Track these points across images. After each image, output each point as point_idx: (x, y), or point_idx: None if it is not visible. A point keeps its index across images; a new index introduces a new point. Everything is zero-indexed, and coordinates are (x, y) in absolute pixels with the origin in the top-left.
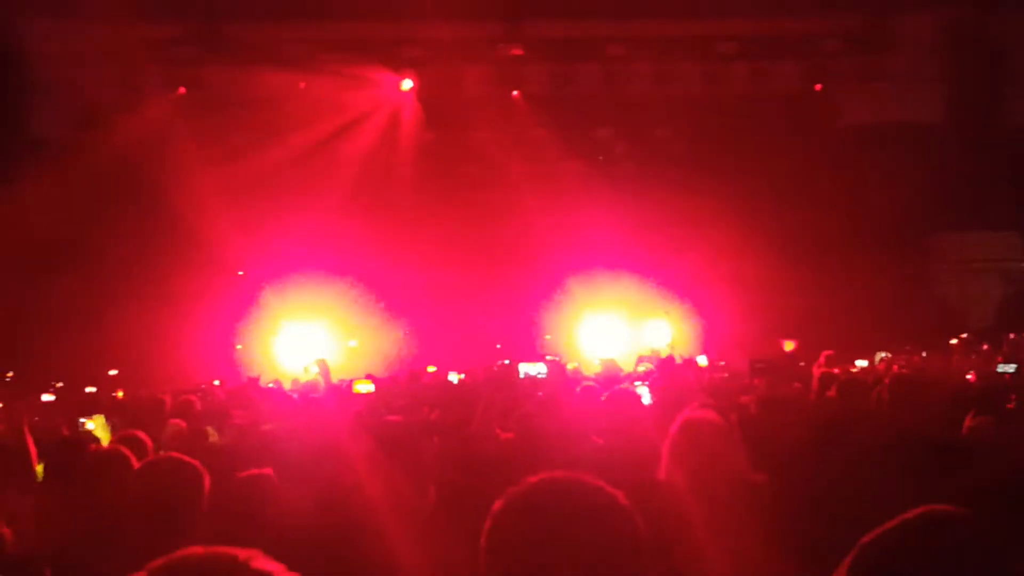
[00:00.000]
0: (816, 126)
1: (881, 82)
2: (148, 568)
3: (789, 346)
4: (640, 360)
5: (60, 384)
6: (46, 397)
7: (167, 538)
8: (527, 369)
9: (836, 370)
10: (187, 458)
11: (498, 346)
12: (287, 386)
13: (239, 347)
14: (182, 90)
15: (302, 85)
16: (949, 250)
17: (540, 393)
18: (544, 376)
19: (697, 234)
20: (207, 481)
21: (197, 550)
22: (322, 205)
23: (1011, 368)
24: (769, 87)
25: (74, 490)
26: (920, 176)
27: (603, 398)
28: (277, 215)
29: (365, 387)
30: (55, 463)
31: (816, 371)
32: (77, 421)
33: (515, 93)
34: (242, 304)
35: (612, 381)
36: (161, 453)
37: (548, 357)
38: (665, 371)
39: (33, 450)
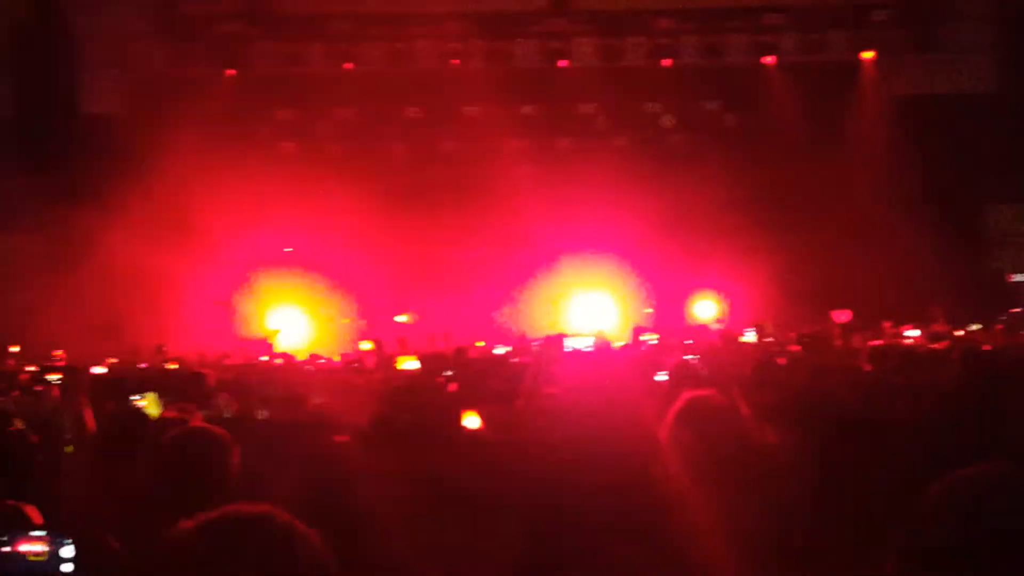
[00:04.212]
0: (866, 97)
1: (932, 52)
2: (195, 521)
3: (842, 317)
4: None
5: (114, 360)
6: (97, 370)
7: (197, 507)
8: (573, 343)
9: (884, 342)
10: (215, 428)
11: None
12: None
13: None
14: (231, 72)
15: (347, 66)
16: (1001, 222)
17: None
18: (591, 349)
19: (746, 207)
20: (236, 452)
21: (237, 507)
22: (367, 182)
23: None
24: (818, 58)
25: (134, 460)
26: (972, 147)
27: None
28: (321, 192)
29: (410, 364)
30: (116, 435)
31: (866, 343)
32: (127, 397)
33: (561, 64)
34: (289, 278)
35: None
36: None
37: (595, 332)
38: (711, 345)
39: (91, 422)
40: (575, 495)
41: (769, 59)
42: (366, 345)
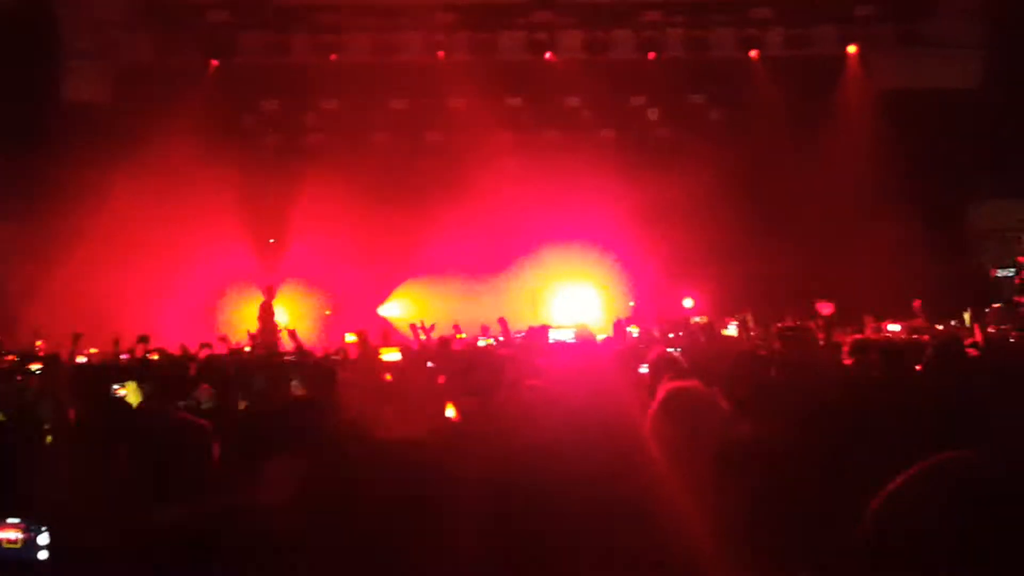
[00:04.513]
0: (850, 91)
1: (916, 47)
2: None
3: (826, 309)
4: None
5: (95, 350)
6: (79, 359)
7: (177, 496)
8: (556, 335)
9: (865, 336)
10: (197, 419)
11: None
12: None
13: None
14: (215, 62)
15: (333, 58)
16: (985, 217)
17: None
18: (573, 341)
19: (730, 200)
20: (217, 443)
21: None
22: (353, 172)
23: None
24: (804, 52)
25: (114, 450)
26: (956, 142)
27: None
28: (307, 182)
29: (391, 355)
30: (97, 424)
31: (848, 337)
32: (109, 386)
33: (548, 55)
34: (273, 269)
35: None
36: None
37: (578, 324)
38: (693, 337)
39: (72, 412)
40: (558, 485)
41: (754, 53)
42: (350, 337)
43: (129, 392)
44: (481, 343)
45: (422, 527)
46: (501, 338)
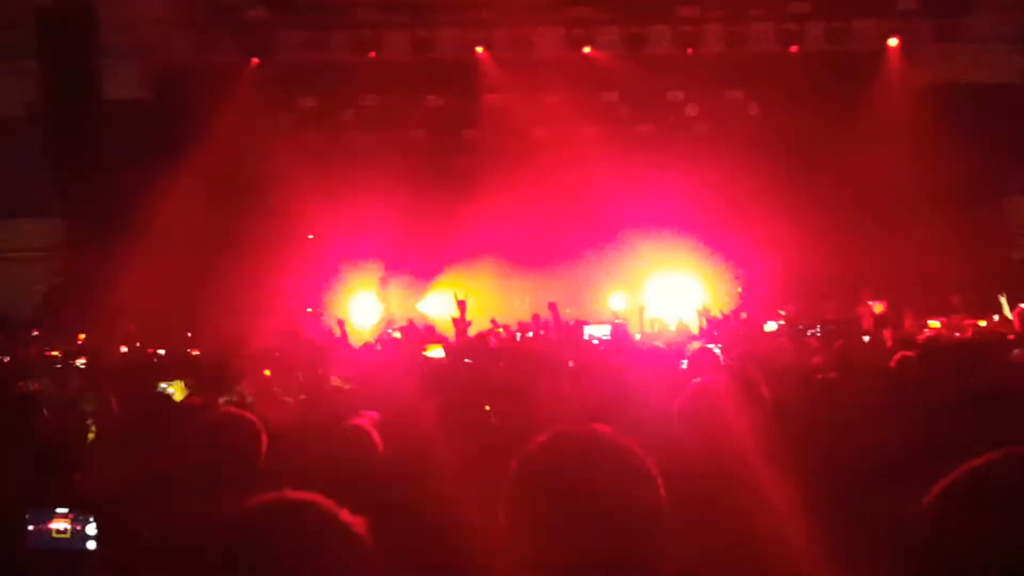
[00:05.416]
0: (892, 86)
1: (957, 42)
2: (242, 506)
3: (878, 308)
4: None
5: (138, 343)
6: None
7: (226, 488)
8: (591, 331)
9: (906, 332)
10: (247, 414)
11: (567, 310)
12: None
13: (310, 310)
14: (255, 60)
15: (371, 55)
16: None
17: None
18: (608, 338)
19: (768, 196)
20: (264, 436)
21: (285, 494)
22: (392, 169)
23: None
24: (844, 47)
25: (160, 444)
26: (995, 137)
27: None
28: (349, 179)
29: (435, 352)
30: (142, 419)
31: (890, 333)
32: (154, 382)
33: (586, 50)
34: (316, 268)
35: (683, 345)
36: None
37: (616, 320)
38: (730, 333)
39: (116, 406)
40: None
41: (793, 48)
42: (395, 334)
43: (176, 390)
44: (519, 338)
45: (459, 521)
46: (543, 332)
